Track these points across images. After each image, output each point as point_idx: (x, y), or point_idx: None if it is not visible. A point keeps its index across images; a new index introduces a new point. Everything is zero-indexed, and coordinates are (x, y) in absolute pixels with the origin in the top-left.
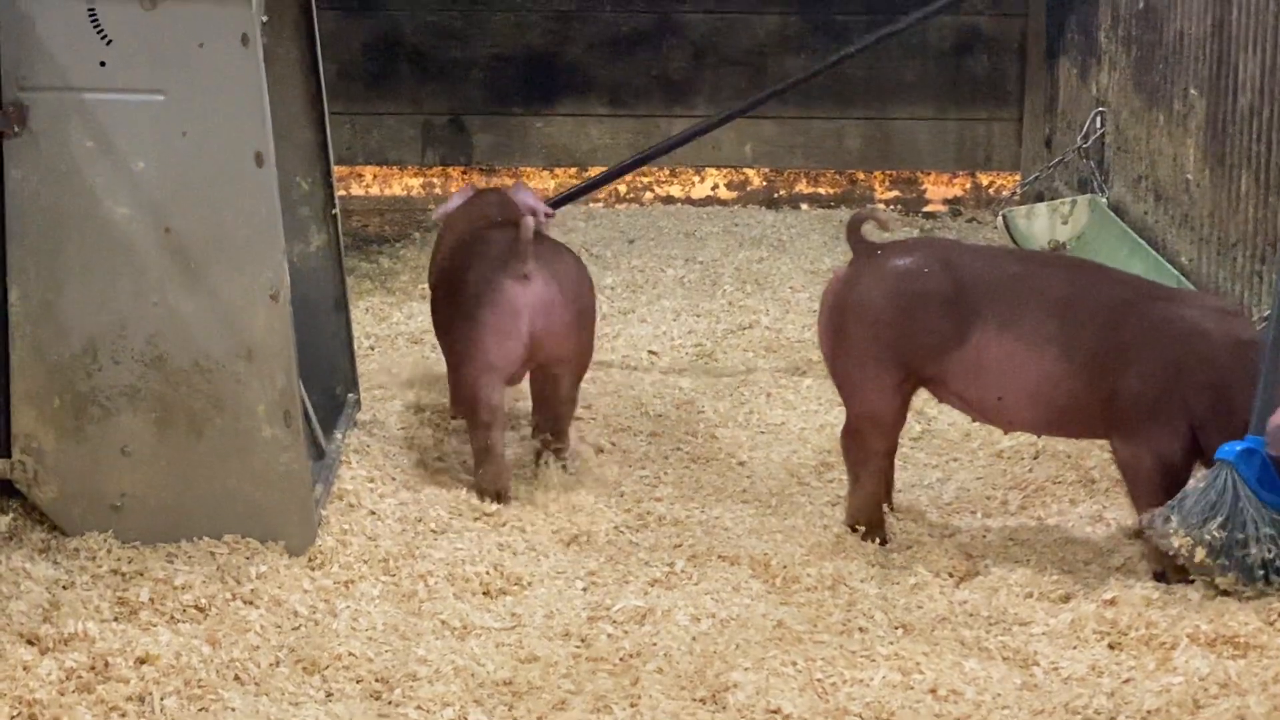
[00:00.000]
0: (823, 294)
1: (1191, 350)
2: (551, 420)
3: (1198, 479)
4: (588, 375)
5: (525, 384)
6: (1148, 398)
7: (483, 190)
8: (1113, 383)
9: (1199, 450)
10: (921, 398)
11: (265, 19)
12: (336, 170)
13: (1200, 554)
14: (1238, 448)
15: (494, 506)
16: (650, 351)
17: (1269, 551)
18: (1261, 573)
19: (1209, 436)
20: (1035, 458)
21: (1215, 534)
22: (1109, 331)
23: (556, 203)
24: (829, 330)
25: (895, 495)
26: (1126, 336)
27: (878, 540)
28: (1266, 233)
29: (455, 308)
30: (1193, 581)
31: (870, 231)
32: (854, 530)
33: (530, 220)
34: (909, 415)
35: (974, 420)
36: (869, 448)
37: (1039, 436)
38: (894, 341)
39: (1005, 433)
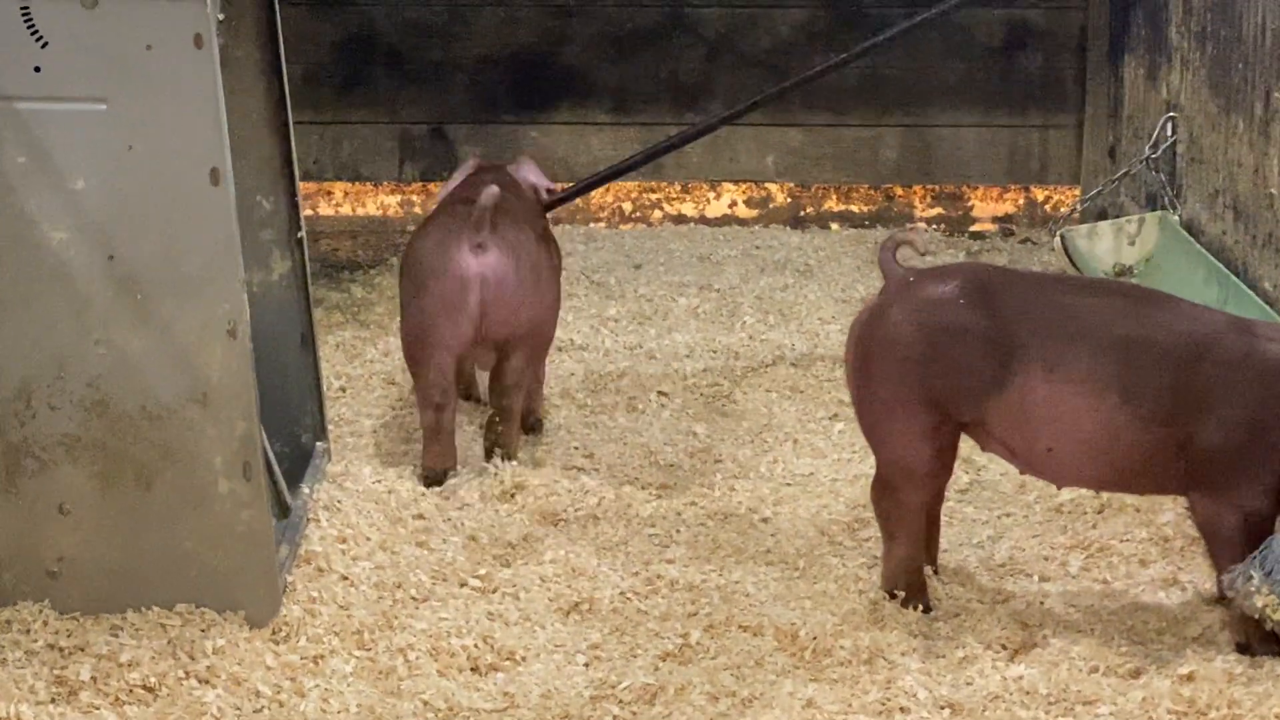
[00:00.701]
0: (850, 327)
1: (1277, 388)
2: (499, 406)
3: None
4: (588, 418)
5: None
6: (1231, 447)
7: (484, 166)
8: (1187, 431)
9: None
10: (968, 444)
11: (221, 17)
12: (303, 187)
13: None
14: None
15: (482, 570)
16: (660, 393)
17: None
18: None
19: None
20: (1099, 513)
21: None
22: (1180, 373)
23: (563, 197)
24: (855, 368)
25: (940, 555)
26: (1202, 379)
27: (920, 608)
28: None
29: (408, 279)
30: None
31: (907, 256)
32: (892, 596)
33: (493, 190)
34: (958, 466)
35: (1022, 473)
36: (902, 502)
37: (1097, 493)
38: (925, 381)
39: (1058, 488)
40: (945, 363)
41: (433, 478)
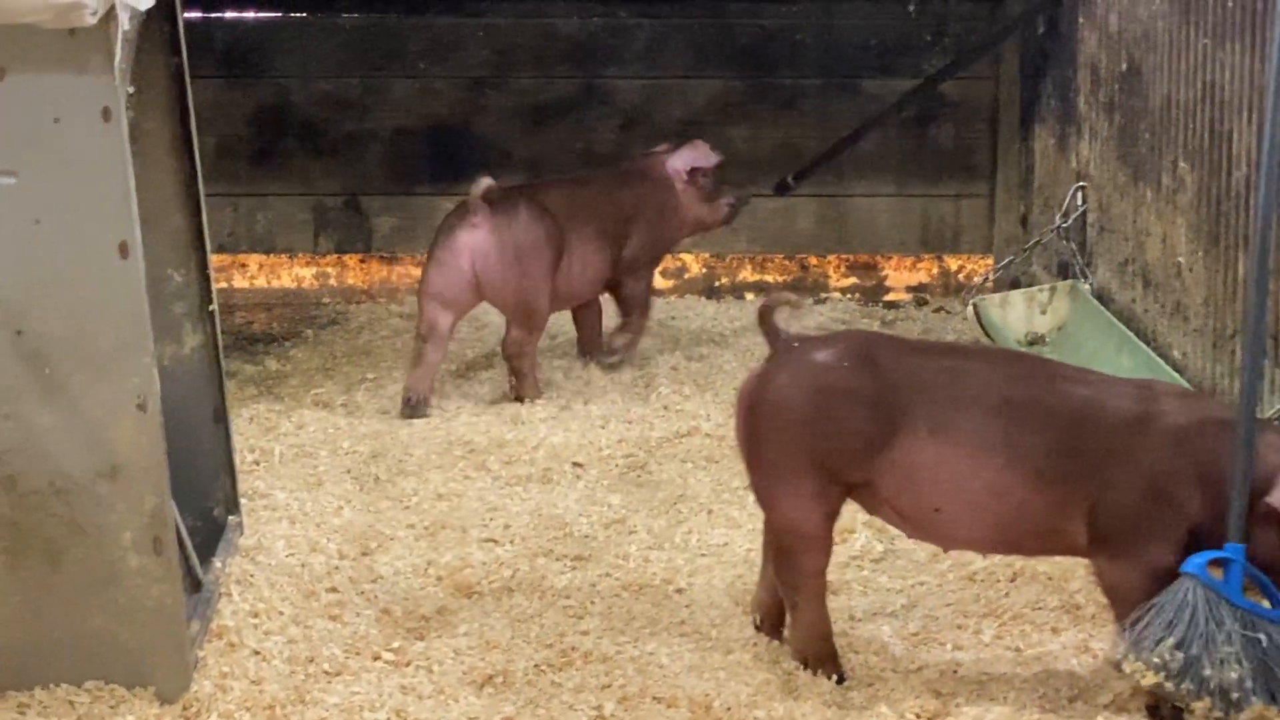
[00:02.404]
0: (738, 393)
1: (1176, 448)
2: (511, 369)
3: (1159, 595)
4: (503, 489)
5: None
6: (1134, 508)
7: (648, 153)
8: (1081, 494)
9: None
10: None
11: (131, 90)
12: (216, 260)
13: (1156, 678)
14: (1204, 559)
15: (396, 643)
16: (575, 464)
17: (1233, 671)
18: (1236, 695)
19: (1210, 540)
20: (1012, 581)
21: (1170, 655)
22: (1068, 434)
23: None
24: (745, 433)
25: (854, 625)
26: (1095, 440)
27: (834, 677)
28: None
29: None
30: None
31: (785, 317)
32: (805, 665)
33: (483, 181)
34: (870, 534)
35: (910, 537)
36: (800, 569)
37: (984, 556)
38: (812, 444)
39: (945, 550)
40: (831, 425)
41: (408, 400)
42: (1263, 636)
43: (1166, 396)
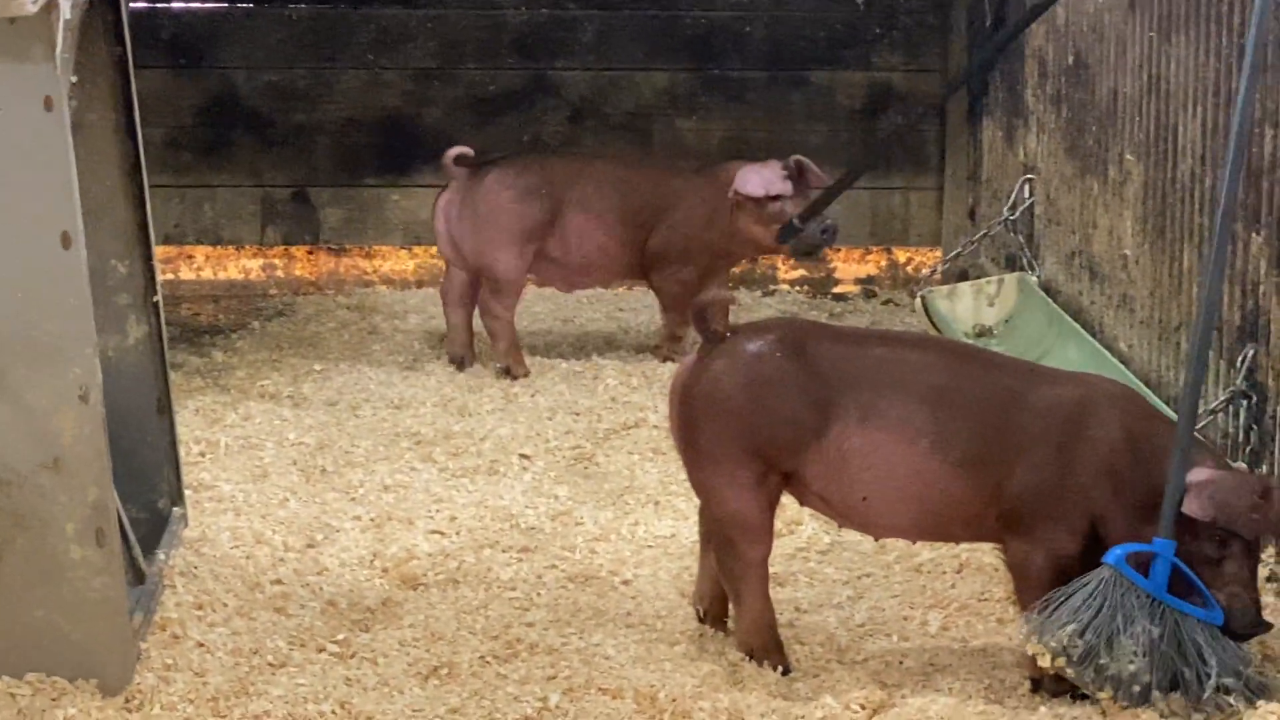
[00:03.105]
0: (671, 383)
1: (1086, 436)
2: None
3: (1073, 582)
4: (449, 480)
5: None
6: (1039, 490)
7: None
8: (999, 478)
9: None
10: None
11: (74, 80)
12: (162, 251)
13: (1059, 663)
14: (1125, 551)
15: (340, 635)
16: (522, 455)
17: (1132, 664)
18: (1136, 688)
19: (1111, 530)
20: (958, 572)
21: (1072, 641)
22: (990, 421)
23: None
24: (680, 424)
25: (800, 616)
26: (1012, 426)
27: (779, 668)
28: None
29: None
30: (1074, 694)
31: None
32: (751, 657)
33: (451, 151)
34: (817, 526)
35: (840, 526)
36: (743, 558)
37: (931, 547)
38: (747, 433)
39: (875, 539)
40: (764, 415)
41: (449, 358)
42: (1175, 633)
43: (1095, 392)
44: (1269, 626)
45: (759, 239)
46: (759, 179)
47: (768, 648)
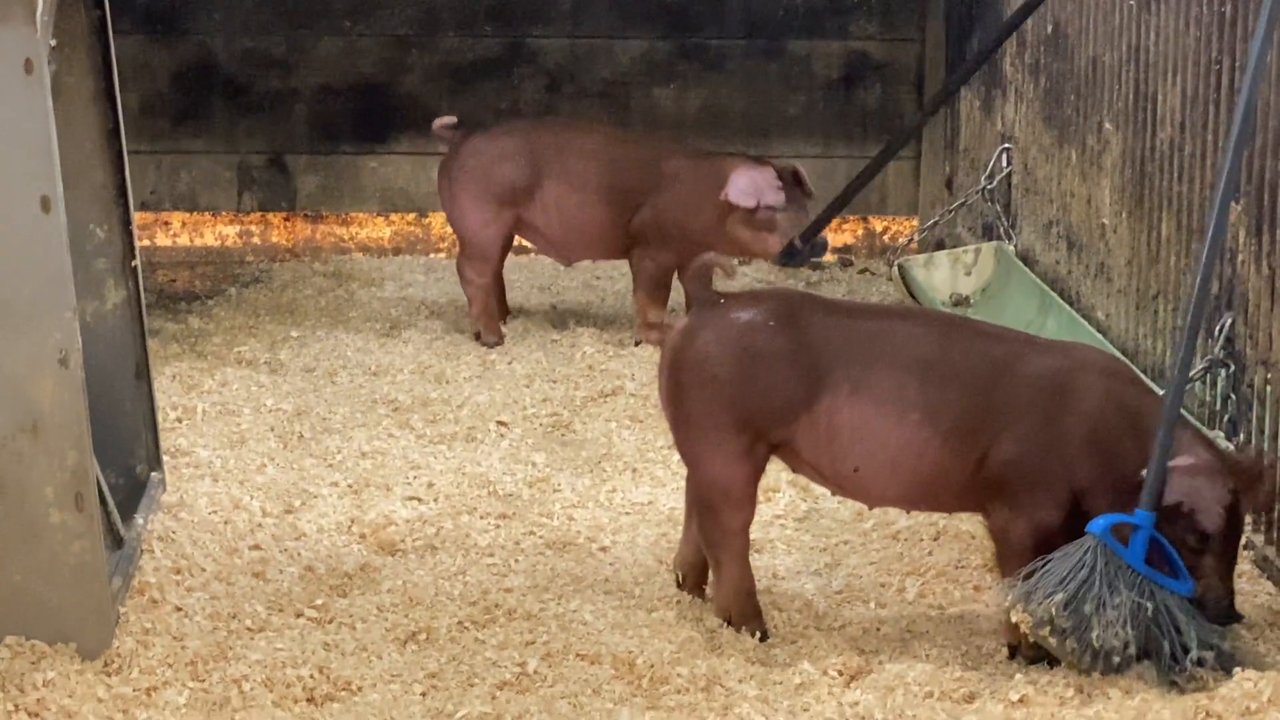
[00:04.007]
0: (661, 350)
1: (1072, 407)
2: None
3: (1057, 551)
4: (426, 447)
5: None
6: (1023, 459)
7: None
8: (985, 447)
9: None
10: None
11: (54, 43)
12: (139, 217)
13: (1041, 632)
14: (1110, 521)
15: (319, 600)
16: (499, 422)
17: (1116, 635)
18: (1117, 659)
19: (1093, 502)
20: (935, 539)
21: (1058, 611)
22: (980, 392)
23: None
24: (669, 390)
25: (778, 583)
26: (1000, 397)
27: (757, 634)
28: (1190, 284)
29: None
30: (1050, 660)
31: (716, 278)
32: (729, 623)
33: (437, 121)
34: (795, 493)
35: (833, 494)
36: (724, 525)
37: (907, 512)
38: (736, 402)
39: (870, 508)
40: (755, 383)
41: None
42: (1153, 604)
43: (1084, 363)
44: (1240, 618)
45: (746, 243)
46: (752, 188)
47: (746, 614)
